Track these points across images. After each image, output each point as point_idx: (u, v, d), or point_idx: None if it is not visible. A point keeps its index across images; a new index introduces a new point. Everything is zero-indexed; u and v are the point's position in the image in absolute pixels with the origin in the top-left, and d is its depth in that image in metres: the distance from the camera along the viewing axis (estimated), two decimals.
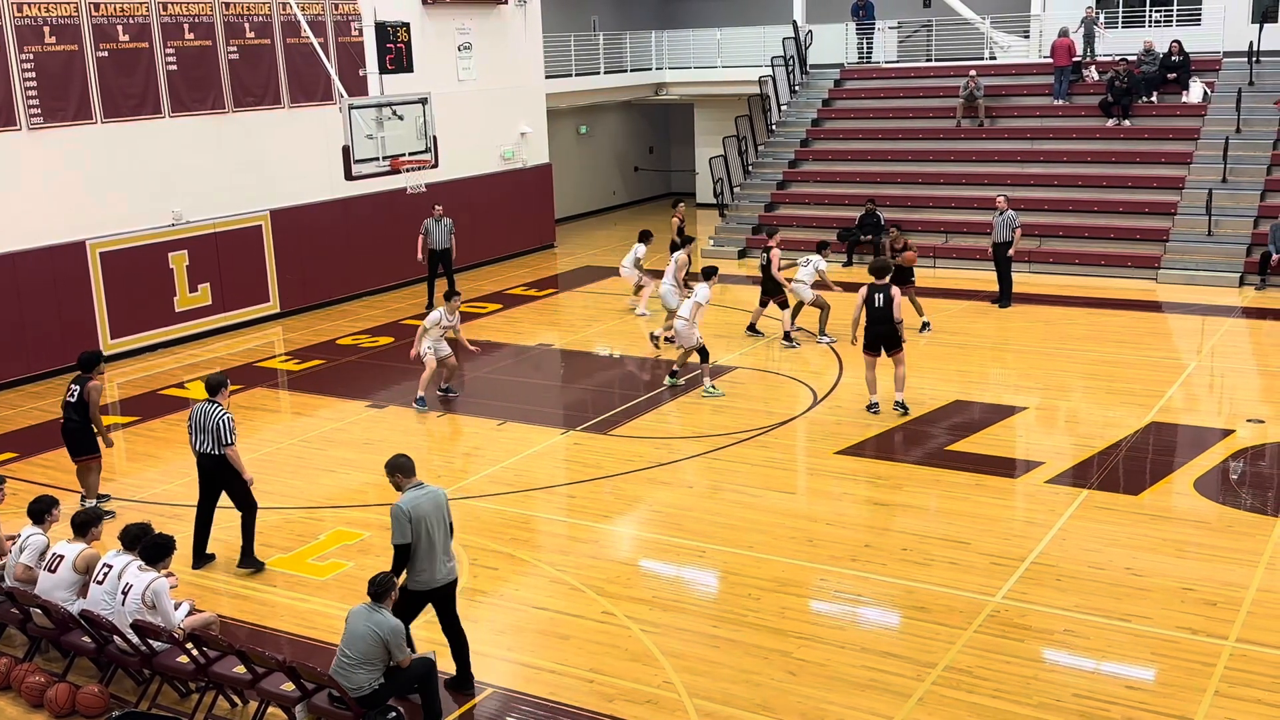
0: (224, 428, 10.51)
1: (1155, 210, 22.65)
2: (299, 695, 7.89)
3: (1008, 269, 19.86)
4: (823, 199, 25.92)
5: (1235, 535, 10.80)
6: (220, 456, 10.56)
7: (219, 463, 10.61)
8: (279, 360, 18.48)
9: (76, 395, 11.98)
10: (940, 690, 8.41)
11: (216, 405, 10.63)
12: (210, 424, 10.52)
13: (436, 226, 21.03)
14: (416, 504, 8.18)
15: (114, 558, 8.77)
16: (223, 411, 10.60)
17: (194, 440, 10.67)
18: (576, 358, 18.14)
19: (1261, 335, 18.21)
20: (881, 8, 29.36)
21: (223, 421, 10.52)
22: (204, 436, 10.56)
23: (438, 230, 21.02)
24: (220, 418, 10.53)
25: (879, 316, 14.10)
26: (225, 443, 10.52)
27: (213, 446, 10.54)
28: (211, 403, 10.65)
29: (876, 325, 14.13)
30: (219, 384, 10.88)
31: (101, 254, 18.31)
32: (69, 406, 12.04)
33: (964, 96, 25.93)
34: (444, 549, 8.27)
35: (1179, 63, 24.52)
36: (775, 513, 11.67)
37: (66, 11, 17.60)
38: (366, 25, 18.83)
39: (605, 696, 8.50)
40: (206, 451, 10.60)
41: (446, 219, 21.19)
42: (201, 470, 10.77)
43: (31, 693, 8.61)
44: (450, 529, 8.38)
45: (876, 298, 14.14)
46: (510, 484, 12.73)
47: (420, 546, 8.15)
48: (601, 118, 33.20)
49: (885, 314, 14.06)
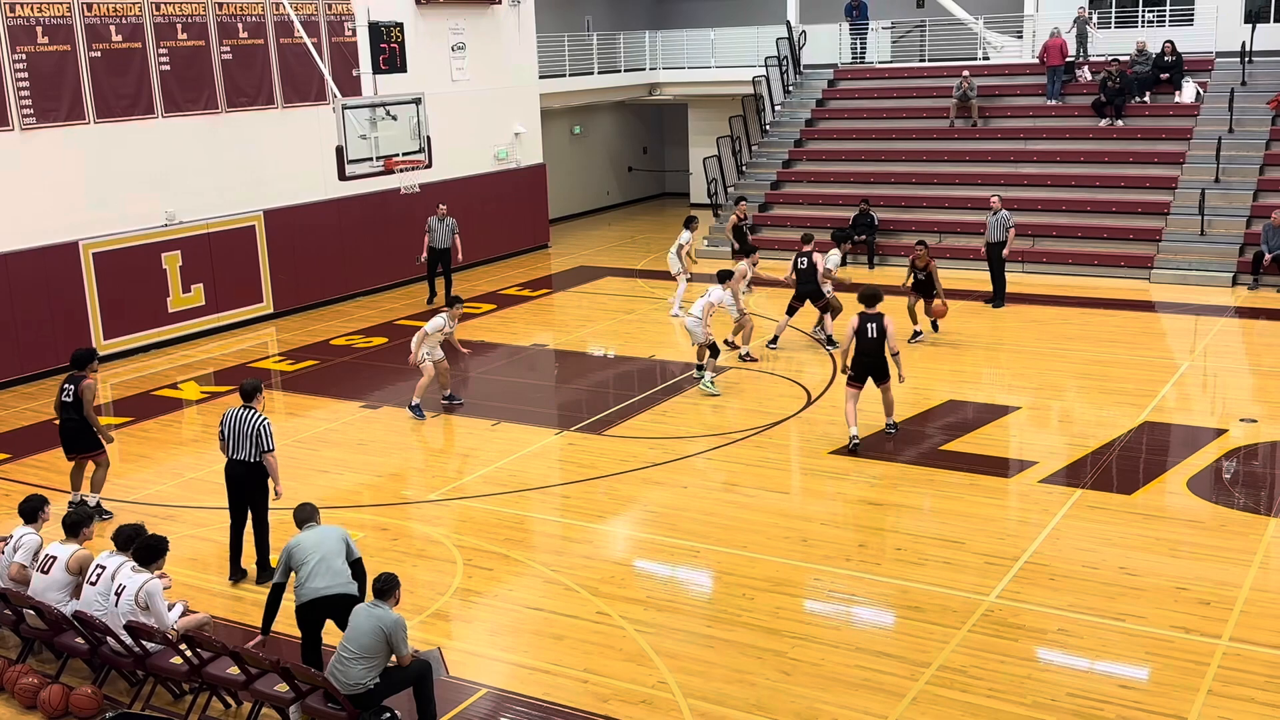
0: (265, 432, 10.25)
1: (1148, 210, 22.69)
2: (293, 696, 7.88)
3: (1001, 269, 19.90)
4: (817, 199, 25.93)
5: (1228, 534, 10.83)
6: (255, 464, 10.28)
7: (253, 470, 10.31)
8: (272, 361, 18.45)
9: (72, 395, 11.94)
10: (934, 690, 8.42)
11: (253, 410, 10.37)
12: (249, 429, 10.23)
13: (440, 225, 21.07)
14: (297, 541, 8.52)
15: (107, 559, 8.76)
16: (261, 416, 10.35)
17: (227, 447, 10.36)
18: (571, 358, 18.13)
19: (1254, 335, 18.25)
20: (875, 8, 29.38)
21: (263, 427, 10.27)
22: (241, 442, 10.27)
23: (440, 229, 21.06)
24: (260, 423, 10.28)
25: (871, 348, 13.17)
26: (267, 448, 10.25)
27: (249, 453, 10.25)
28: (247, 408, 10.38)
29: (867, 357, 13.20)
30: (255, 389, 10.59)
31: (94, 254, 18.27)
32: (65, 406, 11.99)
33: (957, 96, 25.96)
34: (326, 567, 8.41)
35: (1172, 63, 24.56)
36: (769, 512, 11.68)
37: (59, 11, 17.56)
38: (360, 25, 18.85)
39: (600, 697, 8.50)
40: (240, 459, 10.30)
41: (450, 218, 21.23)
42: (231, 479, 10.44)
43: (25, 694, 8.58)
44: (349, 552, 8.61)
45: (869, 328, 13.17)
46: (504, 484, 12.72)
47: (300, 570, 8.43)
48: (595, 118, 33.19)
49: (878, 345, 13.16)
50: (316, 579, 8.32)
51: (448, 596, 10.18)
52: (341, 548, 8.54)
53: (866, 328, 13.20)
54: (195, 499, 12.63)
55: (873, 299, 13.44)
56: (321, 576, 8.32)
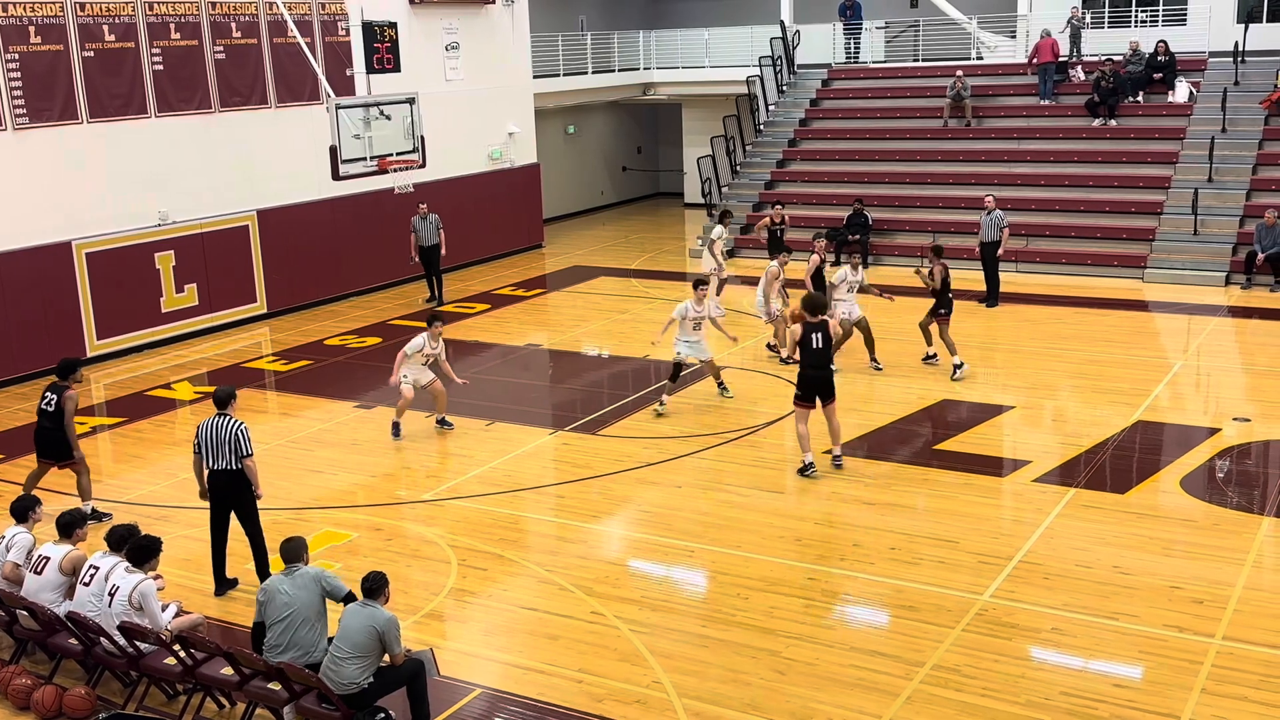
0: (243, 438, 10.00)
1: (1141, 210, 22.73)
2: (287, 697, 7.87)
3: (995, 268, 19.93)
4: (810, 199, 25.94)
5: (1222, 533, 10.84)
6: (236, 472, 10.04)
7: (234, 479, 10.08)
8: (266, 361, 18.43)
9: (54, 404, 11.83)
10: (928, 689, 8.43)
11: (228, 417, 10.13)
12: (227, 437, 10.00)
13: (423, 224, 21.13)
14: (270, 596, 8.16)
15: (100, 559, 8.74)
16: (237, 422, 10.10)
17: (205, 459, 10.11)
18: (565, 358, 18.12)
19: (1247, 334, 18.28)
20: (869, 8, 29.41)
21: (240, 433, 10.02)
22: (220, 451, 10.03)
23: (424, 227, 21.12)
24: (237, 429, 10.03)
25: (817, 361, 12.35)
26: (245, 453, 10.00)
27: (229, 461, 10.01)
28: (222, 415, 10.14)
29: (813, 370, 12.33)
30: (229, 396, 10.31)
31: (87, 254, 18.23)
32: (45, 414, 11.88)
33: (951, 96, 25.99)
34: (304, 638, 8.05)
35: (1165, 62, 24.61)
36: (764, 512, 11.68)
37: (52, 11, 17.52)
38: (353, 25, 18.81)
39: (594, 696, 8.50)
40: (221, 468, 10.06)
41: (433, 215, 21.27)
42: (214, 489, 10.19)
43: (18, 695, 8.56)
44: (335, 591, 8.19)
45: (814, 338, 12.35)
46: (499, 484, 12.71)
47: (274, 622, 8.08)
48: (589, 118, 33.18)
49: (825, 358, 12.42)
50: (284, 652, 8.00)
51: (442, 597, 10.17)
52: (313, 610, 8.10)
53: (811, 337, 12.38)
54: (188, 499, 12.54)
55: (817, 307, 12.67)
56: (288, 650, 8.00)
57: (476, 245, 25.20)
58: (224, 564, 10.42)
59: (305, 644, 8.04)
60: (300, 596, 8.08)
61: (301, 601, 8.07)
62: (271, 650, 8.06)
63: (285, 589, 8.11)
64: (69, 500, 12.04)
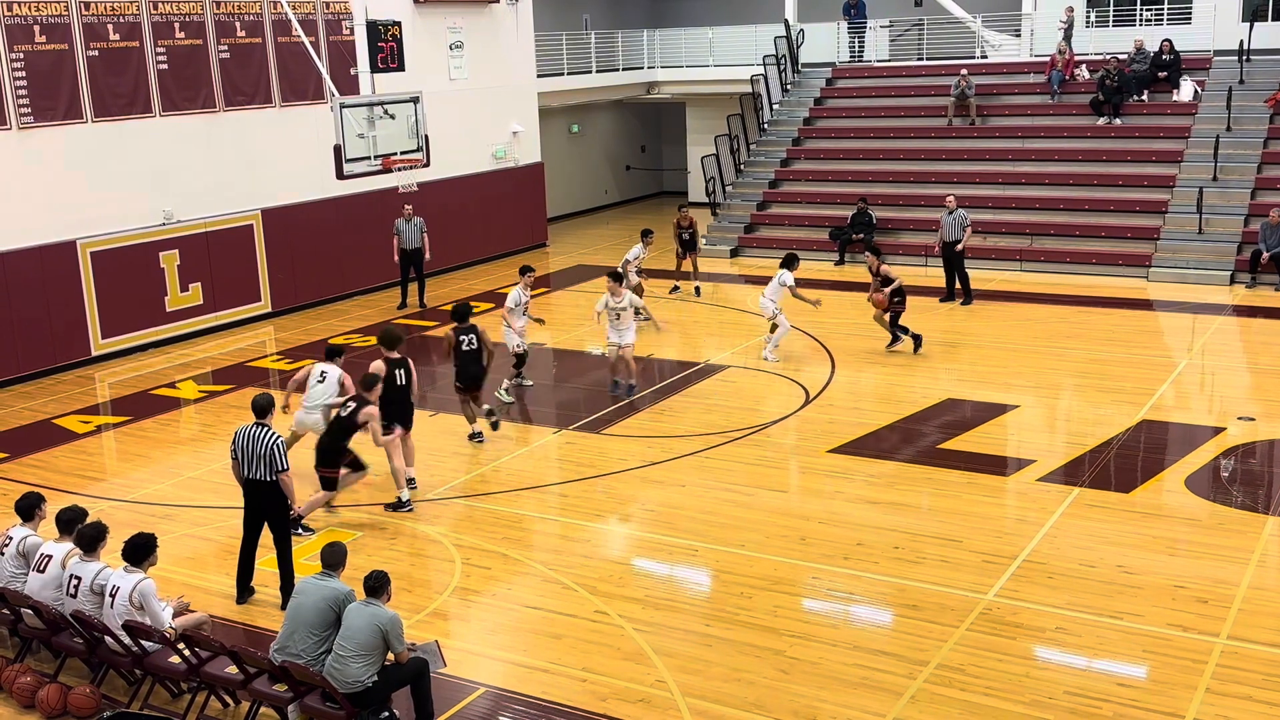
0: (279, 453, 9.76)
1: (1146, 209, 22.70)
2: (291, 695, 7.88)
3: (962, 266, 19.97)
4: (815, 198, 25.93)
5: (1226, 533, 10.83)
6: (271, 484, 9.82)
7: (270, 491, 9.86)
8: (270, 360, 18.44)
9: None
10: (932, 688, 8.42)
11: (265, 428, 9.89)
12: (263, 449, 9.76)
13: (407, 226, 21.03)
14: (294, 598, 8.22)
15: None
16: (274, 435, 9.88)
17: (241, 468, 9.93)
18: (568, 357, 18.13)
19: (1252, 333, 18.26)
20: (873, 7, 29.38)
21: (277, 446, 9.78)
22: (255, 463, 9.82)
23: (408, 230, 21.02)
24: (274, 443, 9.79)
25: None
26: (281, 468, 9.75)
27: (265, 473, 9.80)
28: (260, 425, 9.91)
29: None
30: (268, 405, 10.09)
31: (92, 254, 18.25)
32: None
33: (955, 95, 25.96)
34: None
35: (1169, 61, 24.57)
36: (768, 511, 11.68)
37: (57, 10, 17.54)
38: (357, 24, 18.71)
39: (598, 695, 8.50)
40: (256, 479, 9.86)
41: (417, 218, 21.18)
42: (248, 499, 10.01)
43: (23, 693, 8.57)
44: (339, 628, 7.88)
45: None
46: (503, 483, 12.72)
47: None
48: (593, 116, 33.19)
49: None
50: (284, 653, 7.95)
51: (446, 595, 10.18)
52: (314, 623, 7.94)
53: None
54: (193, 498, 12.61)
55: (393, 341, 12.45)
56: (285, 653, 7.94)
57: (480, 244, 25.20)
58: (251, 573, 10.24)
59: (299, 652, 7.91)
60: (306, 604, 8.03)
61: (305, 610, 8.01)
62: (277, 650, 8.07)
63: (304, 591, 8.14)
64: (69, 499, 12.05)
